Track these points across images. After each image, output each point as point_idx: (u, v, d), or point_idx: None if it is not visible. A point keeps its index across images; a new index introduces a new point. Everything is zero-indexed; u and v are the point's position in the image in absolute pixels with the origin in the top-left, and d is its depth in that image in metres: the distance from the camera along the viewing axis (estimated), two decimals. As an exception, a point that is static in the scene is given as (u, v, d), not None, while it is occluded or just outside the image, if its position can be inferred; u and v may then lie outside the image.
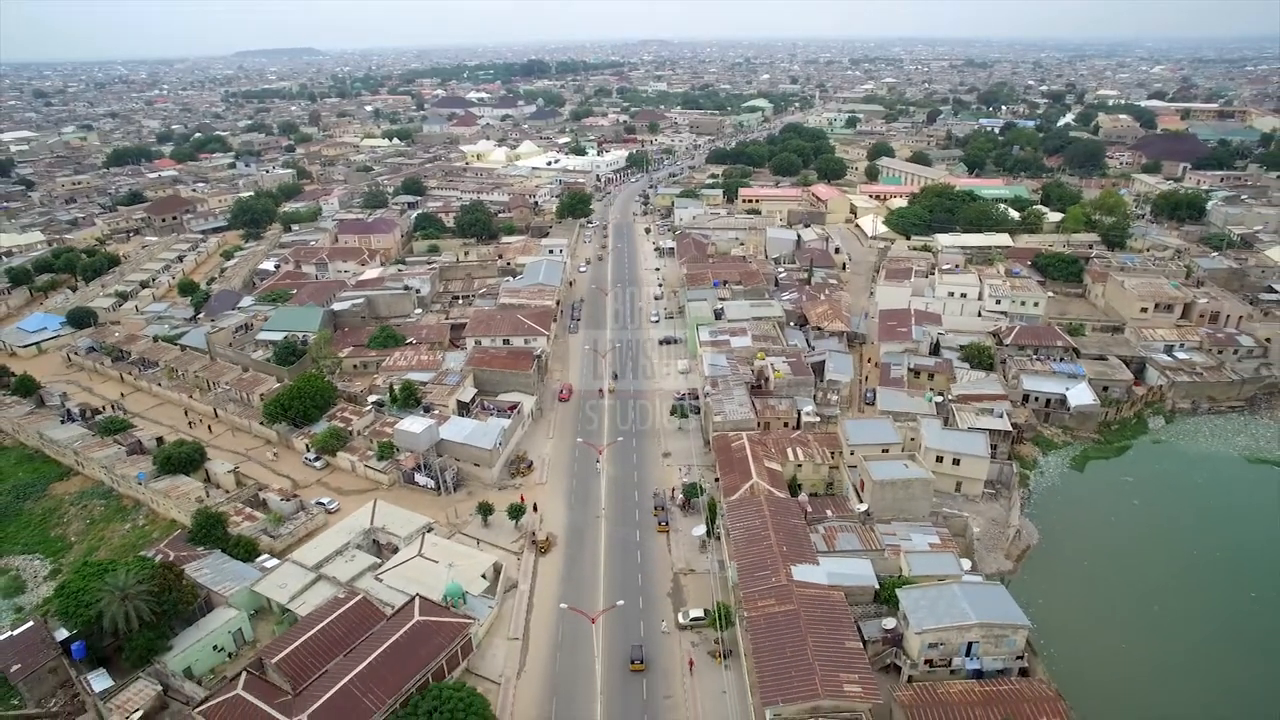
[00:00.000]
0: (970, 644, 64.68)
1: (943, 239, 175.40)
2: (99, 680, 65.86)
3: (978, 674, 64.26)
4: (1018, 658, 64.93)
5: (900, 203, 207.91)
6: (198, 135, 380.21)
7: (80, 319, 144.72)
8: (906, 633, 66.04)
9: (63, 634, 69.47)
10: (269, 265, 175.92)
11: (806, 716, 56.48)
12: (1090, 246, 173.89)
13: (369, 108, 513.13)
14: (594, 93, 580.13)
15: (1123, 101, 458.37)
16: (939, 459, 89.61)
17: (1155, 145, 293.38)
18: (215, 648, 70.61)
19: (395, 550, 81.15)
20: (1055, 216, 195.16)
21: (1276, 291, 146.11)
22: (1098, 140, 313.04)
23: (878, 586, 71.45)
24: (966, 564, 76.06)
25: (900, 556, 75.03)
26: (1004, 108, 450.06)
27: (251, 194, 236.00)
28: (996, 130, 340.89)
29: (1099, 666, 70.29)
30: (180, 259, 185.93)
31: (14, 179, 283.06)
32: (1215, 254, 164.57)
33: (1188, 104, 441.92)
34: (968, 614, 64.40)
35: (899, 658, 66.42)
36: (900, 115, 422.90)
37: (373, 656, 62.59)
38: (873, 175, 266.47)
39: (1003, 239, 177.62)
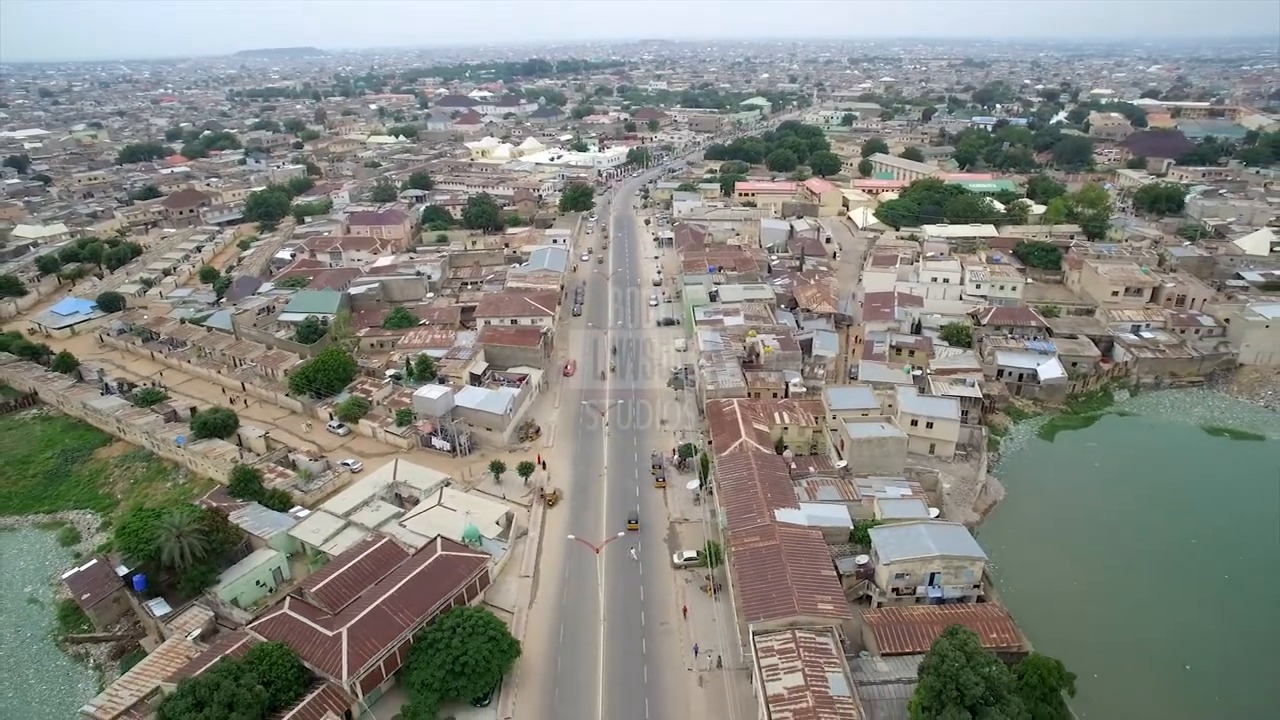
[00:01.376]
0: (933, 574, 72.71)
1: (929, 229, 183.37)
2: (158, 607, 74.09)
3: (939, 601, 72.23)
4: (975, 586, 73.01)
5: (891, 196, 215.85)
6: (206, 133, 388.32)
7: (110, 303, 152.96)
8: (877, 565, 74.04)
9: (123, 570, 77.65)
10: (285, 254, 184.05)
11: (784, 630, 64.40)
12: (1071, 237, 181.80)
13: (373, 106, 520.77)
14: (595, 91, 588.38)
15: (1116, 100, 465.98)
16: (914, 423, 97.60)
17: (1142, 142, 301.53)
18: (258, 583, 78.74)
19: (416, 502, 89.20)
20: (1040, 209, 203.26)
21: (1243, 278, 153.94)
22: (1086, 137, 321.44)
23: (852, 528, 79.48)
24: (934, 512, 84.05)
25: (874, 504, 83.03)
26: (998, 106, 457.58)
27: (264, 188, 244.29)
28: (989, 128, 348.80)
29: (1051, 598, 78.33)
30: (199, 249, 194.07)
31: (31, 175, 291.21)
32: (1188, 243, 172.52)
33: (1179, 102, 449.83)
34: (930, 548, 72.46)
35: (870, 588, 74.49)
36: (896, 113, 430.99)
37: (402, 583, 70.61)
38: (866, 171, 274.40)
39: (987, 230, 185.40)
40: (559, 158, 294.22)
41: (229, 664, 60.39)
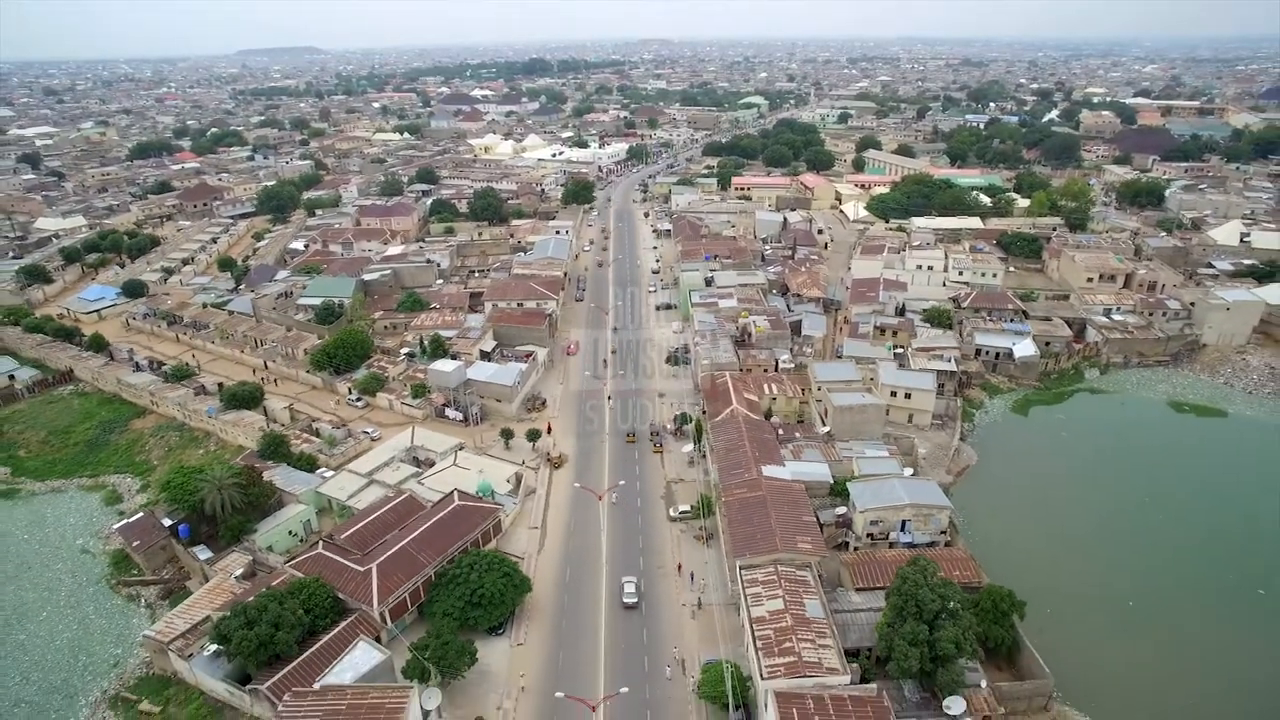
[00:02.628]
0: (904, 522, 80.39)
1: (917, 221, 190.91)
2: (202, 553, 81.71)
3: (910, 545, 79.91)
4: (942, 533, 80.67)
5: (883, 190, 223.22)
6: (213, 130, 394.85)
7: (134, 289, 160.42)
8: (854, 514, 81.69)
9: (168, 521, 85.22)
10: (298, 245, 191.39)
11: (768, 564, 71.93)
12: (1054, 229, 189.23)
13: (376, 104, 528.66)
14: (595, 90, 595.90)
15: (1108, 99, 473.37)
16: (893, 394, 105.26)
17: (1130, 139, 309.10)
18: (290, 533, 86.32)
19: (432, 464, 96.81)
20: (1025, 202, 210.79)
21: (1214, 267, 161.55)
22: (1075, 134, 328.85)
23: (832, 483, 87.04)
24: (909, 472, 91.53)
25: (853, 462, 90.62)
26: (992, 104, 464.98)
27: (274, 183, 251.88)
28: (981, 125, 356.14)
29: (1014, 547, 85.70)
30: (214, 240, 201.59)
31: (45, 171, 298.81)
32: (1164, 235, 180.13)
33: (1170, 101, 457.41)
34: (902, 497, 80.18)
35: (848, 535, 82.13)
36: (891, 112, 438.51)
37: (423, 529, 78.19)
38: (859, 166, 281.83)
39: (973, 222, 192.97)
40: (560, 154, 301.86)
41: (273, 592, 67.92)
